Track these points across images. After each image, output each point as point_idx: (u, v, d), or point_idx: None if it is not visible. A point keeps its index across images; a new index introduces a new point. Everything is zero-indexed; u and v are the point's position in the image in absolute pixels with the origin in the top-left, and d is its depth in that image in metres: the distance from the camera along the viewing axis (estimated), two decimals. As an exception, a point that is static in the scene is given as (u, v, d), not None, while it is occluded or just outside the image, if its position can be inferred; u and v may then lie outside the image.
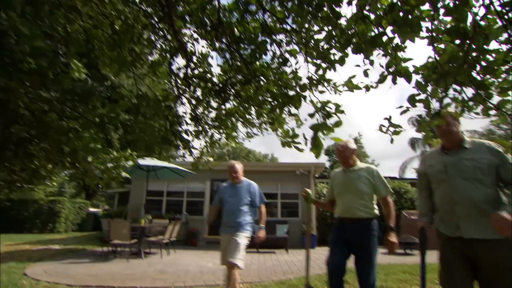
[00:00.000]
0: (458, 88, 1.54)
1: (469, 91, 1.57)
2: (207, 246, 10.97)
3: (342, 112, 1.80)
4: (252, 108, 2.62)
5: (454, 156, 2.09)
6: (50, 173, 2.44)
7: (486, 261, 1.88)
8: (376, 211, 2.70)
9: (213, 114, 2.92)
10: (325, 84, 2.02)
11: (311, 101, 1.89)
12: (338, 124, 1.75)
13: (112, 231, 7.40)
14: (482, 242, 1.89)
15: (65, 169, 2.38)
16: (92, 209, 22.19)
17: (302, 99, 1.96)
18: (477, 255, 1.91)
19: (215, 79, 2.82)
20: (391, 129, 1.73)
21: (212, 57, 3.09)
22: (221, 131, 2.82)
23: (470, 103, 1.57)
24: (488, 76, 1.53)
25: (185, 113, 2.88)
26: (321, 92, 2.00)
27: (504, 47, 1.43)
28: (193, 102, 2.78)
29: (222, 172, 13.67)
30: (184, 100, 2.83)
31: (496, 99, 1.60)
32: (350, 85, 1.99)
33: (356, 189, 2.61)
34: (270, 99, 2.23)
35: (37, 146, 2.21)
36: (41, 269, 5.97)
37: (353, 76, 1.99)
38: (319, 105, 1.84)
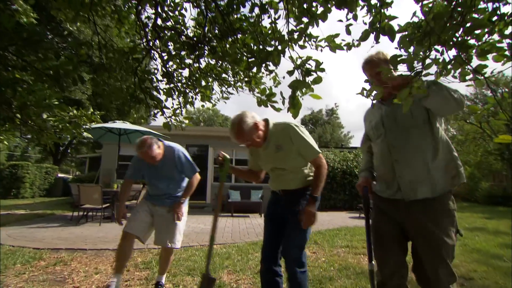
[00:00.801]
0: (439, 48, 1.50)
1: (451, 54, 1.54)
2: (182, 210, 11.09)
3: (323, 70, 1.71)
4: (228, 65, 2.44)
5: (391, 105, 1.84)
6: (-4, 130, 2.16)
7: (424, 222, 1.69)
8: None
9: (186, 72, 2.71)
10: (306, 39, 1.89)
11: (290, 57, 1.77)
12: (317, 80, 1.66)
13: (82, 196, 7.18)
14: (422, 202, 1.71)
15: (15, 127, 2.11)
16: (61, 175, 21.33)
17: (281, 55, 1.83)
18: (414, 217, 1.72)
19: (189, 33, 2.57)
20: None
21: (185, 9, 2.80)
22: (196, 90, 2.63)
23: (449, 67, 1.54)
24: (469, 38, 1.49)
25: (156, 69, 2.64)
26: (302, 47, 1.87)
27: (490, 6, 1.38)
28: (165, 57, 2.54)
29: (198, 138, 13.48)
30: (156, 56, 2.58)
31: (475, 63, 1.59)
32: (332, 44, 1.88)
33: (280, 163, 2.13)
34: (247, 55, 2.07)
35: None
36: (3, 233, 5.72)
37: (336, 35, 1.87)
38: (298, 61, 1.73)
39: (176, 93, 2.58)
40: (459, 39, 1.43)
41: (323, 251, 4.87)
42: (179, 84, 2.66)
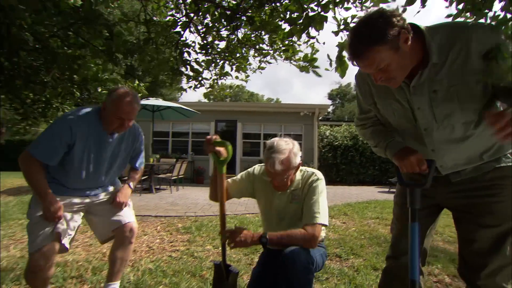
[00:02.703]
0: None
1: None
2: (213, 184, 11.62)
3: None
4: (266, 36, 2.46)
5: (421, 86, 1.15)
6: (61, 104, 2.43)
7: (476, 194, 1.22)
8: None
9: (223, 44, 2.77)
10: (351, 1, 1.84)
11: (334, 17, 1.75)
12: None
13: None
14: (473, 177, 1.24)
15: (75, 100, 2.34)
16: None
17: (324, 20, 1.82)
18: (461, 192, 1.26)
19: (224, 4, 2.59)
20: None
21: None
22: (232, 61, 2.71)
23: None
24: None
25: (193, 42, 2.73)
26: (347, 9, 1.82)
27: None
28: (203, 29, 2.61)
29: (227, 113, 13.65)
30: (193, 28, 2.65)
31: None
32: (375, 0, 1.80)
33: (290, 216, 1.69)
34: (286, 24, 2.07)
35: (46, 75, 2.16)
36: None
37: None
38: (342, 22, 1.71)
39: (213, 64, 2.67)
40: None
41: (353, 222, 4.97)
42: (217, 56, 2.75)
